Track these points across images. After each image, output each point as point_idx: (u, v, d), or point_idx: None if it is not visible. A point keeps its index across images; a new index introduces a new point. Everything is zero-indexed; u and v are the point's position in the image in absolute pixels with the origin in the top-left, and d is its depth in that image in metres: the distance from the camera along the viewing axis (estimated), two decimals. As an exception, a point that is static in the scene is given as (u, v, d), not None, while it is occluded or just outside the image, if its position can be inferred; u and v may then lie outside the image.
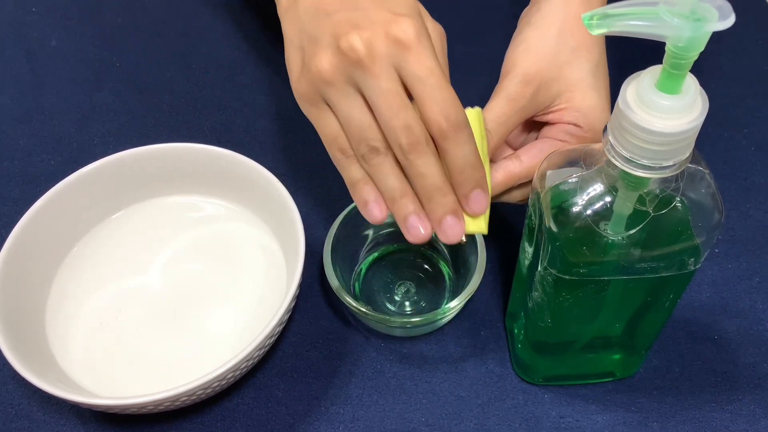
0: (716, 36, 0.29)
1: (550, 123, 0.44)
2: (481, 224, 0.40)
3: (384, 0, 0.37)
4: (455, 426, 0.46)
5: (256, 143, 0.61)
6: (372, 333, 0.50)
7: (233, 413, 0.47)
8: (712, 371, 0.48)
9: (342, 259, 0.50)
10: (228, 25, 0.71)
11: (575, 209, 0.35)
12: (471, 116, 0.40)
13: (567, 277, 0.38)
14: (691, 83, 0.30)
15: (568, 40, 0.43)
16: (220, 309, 0.50)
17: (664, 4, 0.28)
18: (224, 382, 0.43)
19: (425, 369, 0.49)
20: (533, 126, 0.47)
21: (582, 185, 0.35)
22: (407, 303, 0.51)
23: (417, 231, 0.38)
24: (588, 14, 0.30)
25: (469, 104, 0.43)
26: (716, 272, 0.53)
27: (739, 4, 0.30)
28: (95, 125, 0.63)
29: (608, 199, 0.35)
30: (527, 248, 0.42)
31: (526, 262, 0.43)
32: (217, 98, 0.65)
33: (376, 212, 0.39)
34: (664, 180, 0.33)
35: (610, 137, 0.33)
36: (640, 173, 0.32)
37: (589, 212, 0.35)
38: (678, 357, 0.49)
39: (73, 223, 0.51)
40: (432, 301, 0.51)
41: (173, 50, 0.69)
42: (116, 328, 0.49)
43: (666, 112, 0.30)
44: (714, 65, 0.66)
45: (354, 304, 0.46)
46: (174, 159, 0.52)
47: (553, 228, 0.36)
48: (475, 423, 0.46)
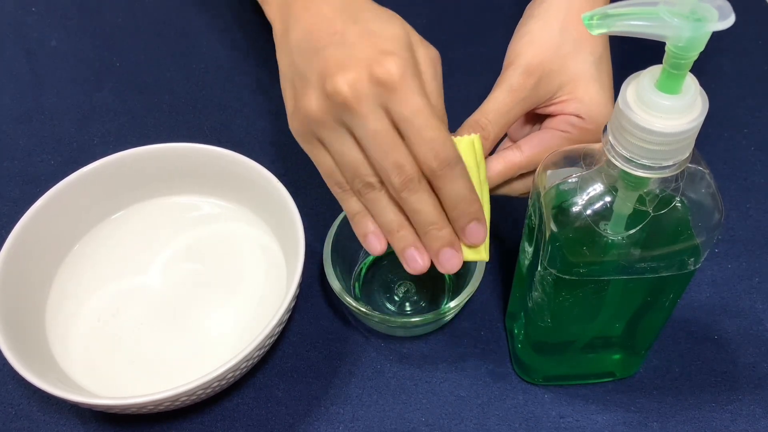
0: (716, 36, 0.29)
1: (553, 115, 0.44)
2: (482, 253, 0.40)
3: (371, 33, 0.37)
4: (455, 426, 0.46)
5: (256, 143, 0.61)
6: (372, 333, 0.50)
7: (233, 413, 0.47)
8: (712, 371, 0.48)
9: (342, 259, 0.50)
10: (228, 25, 0.71)
11: (575, 209, 0.35)
12: (465, 145, 0.39)
13: (567, 277, 0.38)
14: (691, 83, 0.30)
15: (572, 33, 0.43)
16: (220, 309, 0.50)
17: (664, 4, 0.28)
18: (224, 382, 0.43)
19: (425, 369, 0.49)
20: (536, 119, 0.46)
21: (582, 185, 0.35)
22: (407, 303, 0.51)
23: (415, 263, 0.40)
24: (588, 14, 0.30)
25: (471, 105, 0.43)
26: (716, 272, 0.53)
27: (739, 4, 0.30)
28: (95, 125, 0.63)
29: (608, 199, 0.35)
30: (527, 248, 0.42)
31: (526, 262, 0.43)
32: (217, 98, 0.65)
33: (375, 244, 0.40)
34: (664, 180, 0.33)
35: (610, 137, 0.33)
36: (640, 173, 0.32)
37: (589, 212, 0.35)
38: (678, 357, 0.49)
39: (73, 223, 0.51)
40: (432, 301, 0.51)
41: (173, 50, 0.69)
42: (116, 328, 0.49)
43: (666, 112, 0.30)
44: (714, 65, 0.66)
45: (354, 304, 0.46)
46: (174, 159, 0.52)
47: (553, 228, 0.36)
48: (475, 423, 0.46)
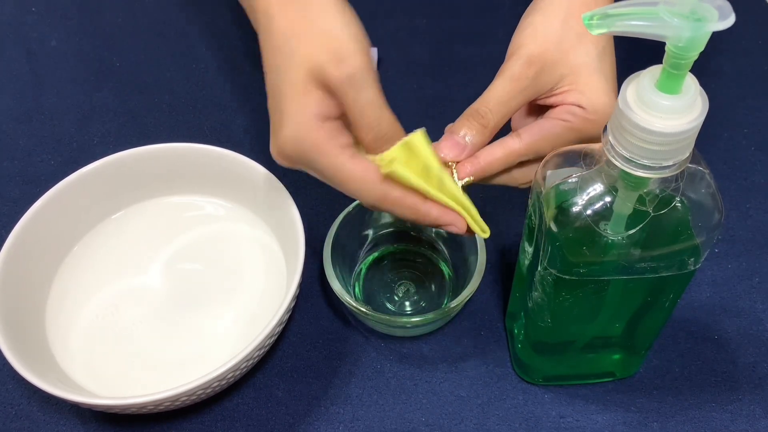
0: (716, 36, 0.29)
1: (554, 106, 0.44)
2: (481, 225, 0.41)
3: (276, 106, 0.41)
4: (455, 426, 0.46)
5: (256, 143, 0.61)
6: (372, 333, 0.50)
7: (233, 413, 0.47)
8: (712, 371, 0.48)
9: (342, 259, 0.50)
10: (228, 25, 0.71)
11: (575, 209, 0.35)
12: (417, 139, 0.39)
13: (567, 277, 0.38)
14: (691, 83, 0.30)
15: (574, 26, 0.43)
16: (220, 309, 0.50)
17: (664, 4, 0.28)
18: (224, 382, 0.43)
19: (425, 369, 0.49)
20: (539, 112, 0.46)
21: (582, 185, 0.35)
22: (407, 303, 0.51)
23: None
24: (588, 14, 0.30)
25: (470, 104, 0.43)
26: (716, 272, 0.53)
27: (739, 4, 0.30)
28: (95, 125, 0.63)
29: (608, 199, 0.35)
30: (527, 248, 0.42)
31: (526, 262, 0.43)
32: (217, 98, 0.65)
33: None
34: (664, 180, 0.33)
35: (610, 137, 0.33)
36: (640, 173, 0.32)
37: (589, 212, 0.35)
38: (678, 357, 0.49)
39: (73, 223, 0.51)
40: (432, 301, 0.51)
41: (173, 50, 0.69)
42: (116, 328, 0.49)
43: (666, 112, 0.30)
44: (714, 65, 0.66)
45: (354, 304, 0.46)
46: (174, 159, 0.52)
47: (553, 228, 0.36)
48: (475, 423, 0.46)
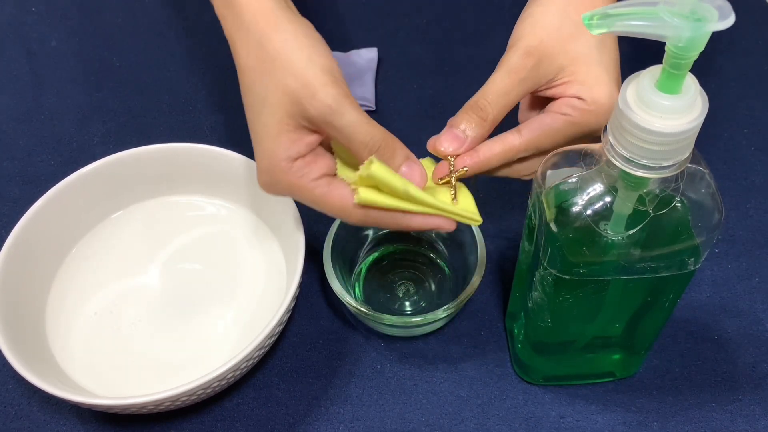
0: (716, 36, 0.29)
1: (554, 98, 0.44)
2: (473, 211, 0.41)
3: (254, 143, 0.40)
4: (455, 426, 0.46)
5: (256, 143, 0.61)
6: (372, 333, 0.50)
7: (233, 413, 0.47)
8: (712, 371, 0.48)
9: (342, 259, 0.50)
10: (228, 25, 0.71)
11: (575, 209, 0.35)
12: (375, 169, 0.38)
13: (567, 277, 0.38)
14: (691, 83, 0.30)
15: (573, 17, 0.42)
16: (220, 309, 0.50)
17: (664, 4, 0.28)
18: (224, 382, 0.43)
19: (425, 369, 0.49)
20: (542, 104, 0.46)
21: (582, 185, 0.35)
22: (407, 303, 0.51)
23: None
24: (588, 14, 0.30)
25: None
26: (716, 272, 0.53)
27: (739, 4, 0.30)
28: (95, 125, 0.63)
29: (608, 199, 0.35)
30: (527, 248, 0.42)
31: (526, 262, 0.43)
32: (217, 98, 0.65)
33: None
34: (664, 180, 0.33)
35: (610, 137, 0.33)
36: (640, 173, 0.32)
37: (589, 212, 0.35)
38: (678, 357, 0.49)
39: (73, 223, 0.51)
40: (432, 301, 0.51)
41: (173, 50, 0.69)
42: (116, 328, 0.49)
43: (666, 112, 0.30)
44: (714, 65, 0.66)
45: (354, 305, 0.46)
46: (174, 159, 0.52)
47: (553, 228, 0.36)
48: (475, 423, 0.46)
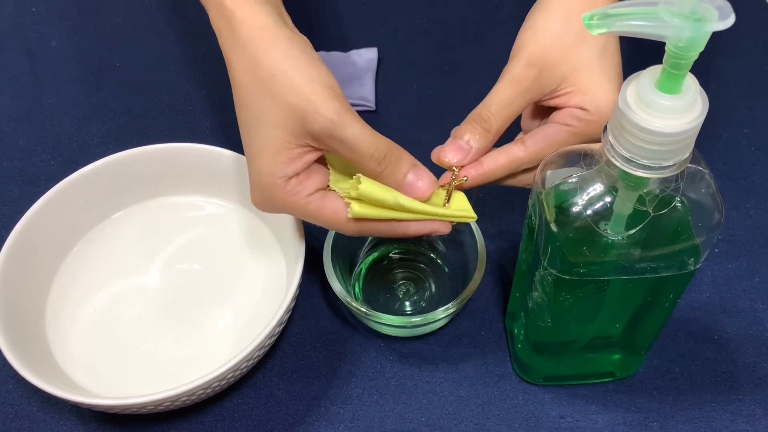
0: (716, 36, 0.29)
1: (558, 108, 0.44)
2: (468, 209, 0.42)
3: (247, 159, 0.40)
4: (455, 426, 0.46)
5: (256, 143, 0.61)
6: (372, 333, 0.50)
7: (233, 413, 0.47)
8: (712, 371, 0.48)
9: (342, 259, 0.50)
10: (228, 25, 0.71)
11: (575, 209, 0.35)
12: (363, 187, 0.39)
13: (567, 277, 0.38)
14: (691, 83, 0.30)
15: (575, 25, 0.42)
16: (220, 309, 0.50)
17: (664, 4, 0.28)
18: (224, 382, 0.43)
19: (425, 369, 0.49)
20: (545, 113, 0.46)
21: (582, 185, 0.35)
22: (407, 303, 0.51)
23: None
24: (588, 14, 0.30)
25: (471, 106, 0.43)
26: (716, 272, 0.53)
27: (739, 4, 0.30)
28: (95, 125, 0.63)
29: (608, 199, 0.35)
30: (527, 248, 0.42)
31: (526, 262, 0.43)
32: (217, 98, 0.65)
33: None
34: (664, 180, 0.33)
35: (610, 137, 0.33)
36: (640, 173, 0.32)
37: (589, 212, 0.35)
38: (678, 357, 0.49)
39: (73, 223, 0.51)
40: (432, 301, 0.51)
41: (173, 50, 0.69)
42: (116, 328, 0.49)
43: (666, 112, 0.30)
44: (714, 65, 0.66)
45: (354, 305, 0.46)
46: (174, 159, 0.52)
47: (553, 228, 0.36)
48: (475, 423, 0.46)
